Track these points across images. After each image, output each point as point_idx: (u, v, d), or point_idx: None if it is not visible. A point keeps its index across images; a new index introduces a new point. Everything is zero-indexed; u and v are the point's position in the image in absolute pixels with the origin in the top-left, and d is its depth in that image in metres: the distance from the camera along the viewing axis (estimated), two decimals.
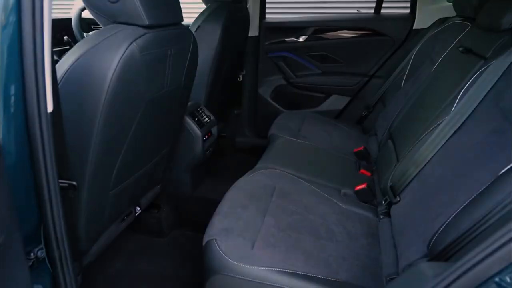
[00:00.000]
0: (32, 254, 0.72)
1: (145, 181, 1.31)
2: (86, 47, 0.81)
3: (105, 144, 0.89)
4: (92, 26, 2.32)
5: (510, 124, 0.78)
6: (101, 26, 0.98)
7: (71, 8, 2.73)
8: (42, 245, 0.74)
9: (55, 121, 0.68)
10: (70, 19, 1.89)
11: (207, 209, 1.69)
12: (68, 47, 1.95)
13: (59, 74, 0.81)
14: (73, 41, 1.92)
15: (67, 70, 0.80)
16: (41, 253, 0.74)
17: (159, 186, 1.51)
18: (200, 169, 1.80)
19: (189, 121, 1.52)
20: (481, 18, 1.24)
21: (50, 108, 0.65)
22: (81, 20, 1.88)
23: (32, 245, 0.72)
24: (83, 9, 1.90)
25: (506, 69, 0.89)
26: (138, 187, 1.27)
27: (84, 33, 1.89)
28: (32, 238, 0.72)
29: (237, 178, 1.29)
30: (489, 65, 0.96)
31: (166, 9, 0.96)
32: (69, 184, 0.80)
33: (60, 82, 0.80)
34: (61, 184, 0.73)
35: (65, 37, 1.85)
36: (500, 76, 0.90)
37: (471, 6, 1.38)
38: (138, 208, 1.39)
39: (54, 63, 0.68)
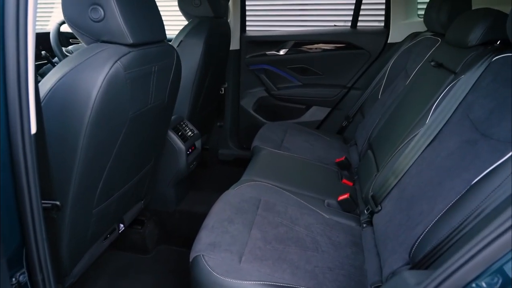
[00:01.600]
0: (13, 279, 0.70)
1: (129, 197, 1.29)
2: (69, 66, 0.81)
3: (89, 162, 0.88)
4: (70, 40, 2.29)
5: (480, 135, 0.84)
6: (80, 41, 0.97)
7: (49, 21, 2.68)
8: (24, 269, 0.72)
9: (38, 142, 0.67)
10: (48, 33, 1.86)
11: (192, 223, 1.67)
12: (46, 61, 1.91)
13: (42, 93, 0.80)
14: (51, 55, 1.89)
15: (51, 89, 0.79)
16: (23, 278, 0.72)
17: (142, 201, 1.50)
18: (184, 183, 1.79)
19: (172, 135, 1.52)
20: (449, 34, 1.32)
21: (33, 129, 0.65)
22: (59, 34, 1.85)
23: (13, 270, 0.70)
24: (62, 23, 1.88)
25: (474, 83, 0.95)
26: (122, 204, 1.25)
27: (63, 48, 1.86)
28: (13, 262, 0.70)
29: (221, 191, 1.30)
30: (459, 80, 1.03)
31: (149, 28, 0.97)
32: (52, 204, 0.79)
33: (42, 101, 0.79)
34: (44, 205, 0.72)
35: (43, 52, 1.82)
36: (469, 90, 0.96)
37: (440, 23, 1.47)
38: (122, 225, 1.36)
39: (37, 82, 0.67)
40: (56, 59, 1.89)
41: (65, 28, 2.03)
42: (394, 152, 1.19)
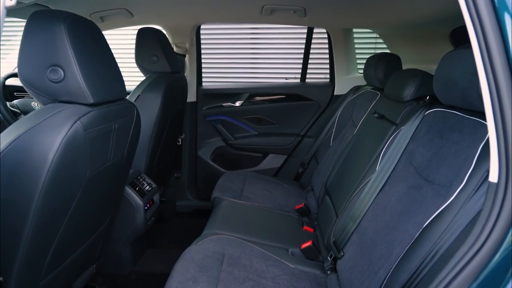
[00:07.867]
0: None
1: (80, 262, 1.18)
2: (24, 128, 0.76)
3: (40, 230, 0.81)
4: (15, 93, 2.18)
5: (424, 180, 0.93)
6: (28, 94, 0.93)
7: None
8: None
9: None
10: None
11: (151, 285, 1.56)
12: None
13: None
14: None
15: (1, 152, 0.74)
16: None
17: (94, 265, 1.37)
18: (141, 241, 1.69)
19: (129, 191, 1.46)
20: (387, 90, 1.49)
21: None
22: (4, 88, 1.76)
23: None
24: (7, 77, 1.80)
25: (413, 134, 1.07)
26: (72, 271, 1.13)
27: (7, 102, 1.76)
28: None
29: (180, 246, 1.24)
30: (400, 130, 1.15)
31: (110, 86, 0.97)
32: None
33: None
34: None
35: None
36: (409, 140, 1.08)
37: (378, 79, 1.66)
38: None
39: None
40: None
41: (10, 81, 1.93)
42: (351, 198, 1.26)
